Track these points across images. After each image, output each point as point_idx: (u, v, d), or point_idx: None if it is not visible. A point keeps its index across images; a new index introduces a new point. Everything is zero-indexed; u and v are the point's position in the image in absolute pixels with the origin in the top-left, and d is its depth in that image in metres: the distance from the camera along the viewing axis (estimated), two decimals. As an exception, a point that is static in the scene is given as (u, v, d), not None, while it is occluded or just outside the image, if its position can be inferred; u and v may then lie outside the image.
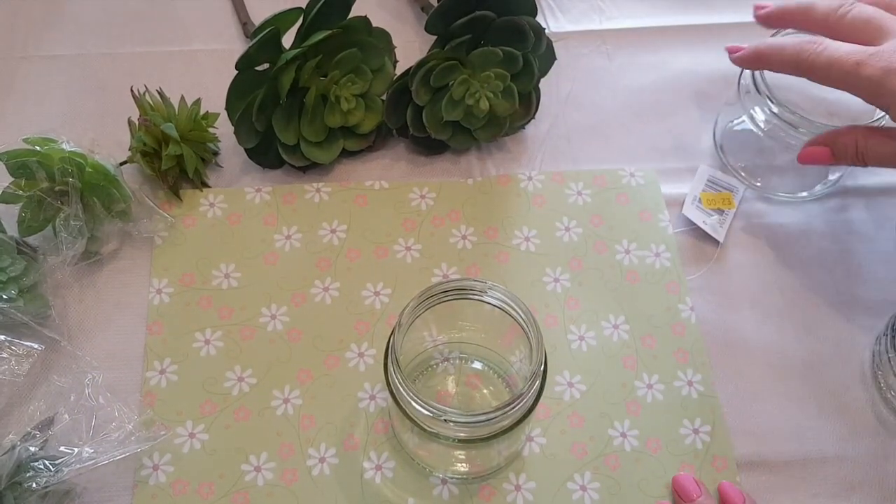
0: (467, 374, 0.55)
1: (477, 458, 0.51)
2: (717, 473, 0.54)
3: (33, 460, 0.48)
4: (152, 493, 0.52)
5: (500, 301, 0.47)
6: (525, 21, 0.60)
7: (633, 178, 0.65)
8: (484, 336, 0.54)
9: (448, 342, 0.55)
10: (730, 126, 0.67)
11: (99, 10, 0.72)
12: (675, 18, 0.74)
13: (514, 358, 0.53)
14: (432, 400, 0.44)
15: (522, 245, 0.62)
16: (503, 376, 0.55)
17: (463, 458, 0.52)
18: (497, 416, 0.44)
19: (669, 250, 0.62)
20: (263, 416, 0.55)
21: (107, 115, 0.66)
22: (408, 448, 0.53)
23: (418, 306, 0.47)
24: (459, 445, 0.47)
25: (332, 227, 0.62)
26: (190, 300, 0.58)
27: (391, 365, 0.45)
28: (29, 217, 0.56)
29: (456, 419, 0.44)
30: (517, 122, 0.65)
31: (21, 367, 0.53)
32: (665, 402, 0.56)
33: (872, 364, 0.58)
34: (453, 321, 0.52)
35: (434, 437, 0.46)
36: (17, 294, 0.54)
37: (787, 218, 0.64)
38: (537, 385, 0.45)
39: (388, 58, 0.63)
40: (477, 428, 0.45)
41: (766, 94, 0.59)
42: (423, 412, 0.44)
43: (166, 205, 0.62)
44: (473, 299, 0.48)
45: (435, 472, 0.53)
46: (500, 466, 0.53)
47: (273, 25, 0.57)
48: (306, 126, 0.61)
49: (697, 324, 0.59)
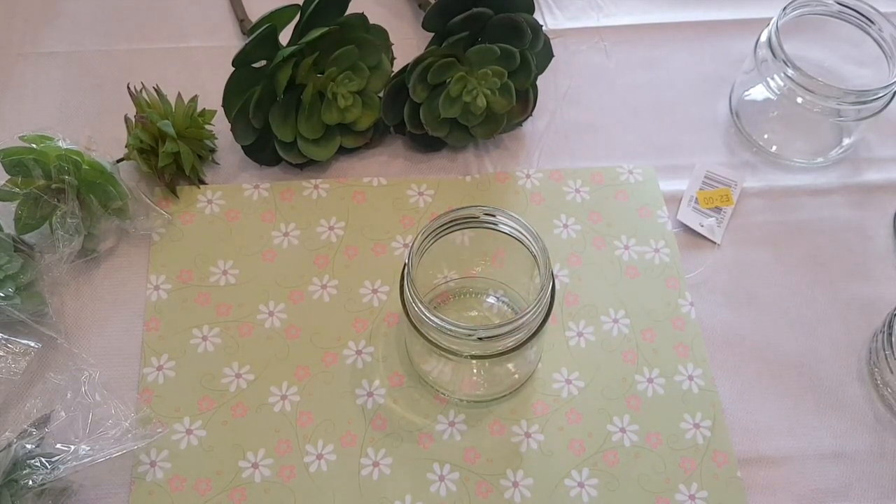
0: (479, 307, 0.58)
1: (490, 378, 0.54)
2: (718, 468, 0.54)
3: (30, 458, 0.48)
4: (149, 489, 0.52)
5: (506, 225, 0.50)
6: (522, 18, 0.60)
7: (632, 174, 0.65)
8: (494, 270, 0.56)
9: (460, 278, 0.58)
10: (745, 95, 0.68)
11: (95, 7, 0.72)
12: (672, 15, 0.74)
13: (524, 291, 0.56)
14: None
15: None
16: (514, 308, 0.57)
17: (476, 379, 0.54)
18: (508, 330, 0.47)
19: (668, 246, 0.62)
20: (261, 413, 0.55)
21: (103, 112, 0.66)
22: (421, 371, 0.55)
23: (426, 238, 0.50)
24: (473, 363, 0.50)
25: (331, 224, 0.62)
26: (187, 297, 0.58)
27: (406, 277, 0.48)
28: (25, 215, 0.56)
29: (466, 329, 0.47)
30: (515, 120, 0.65)
31: (18, 364, 0.53)
32: (666, 396, 0.56)
33: (869, 361, 0.58)
34: (463, 256, 0.56)
35: (447, 354, 0.48)
36: (13, 292, 0.54)
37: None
38: (547, 297, 0.48)
39: (385, 55, 0.63)
40: (490, 342, 0.47)
41: (784, 59, 0.61)
42: (435, 323, 0.47)
43: (163, 202, 0.62)
44: (482, 227, 0.51)
45: (451, 395, 0.55)
46: (511, 389, 0.55)
47: (270, 22, 0.57)
48: (303, 123, 0.61)
49: (697, 319, 0.59)
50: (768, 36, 0.63)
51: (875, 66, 0.64)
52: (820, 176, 0.66)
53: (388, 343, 0.57)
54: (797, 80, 0.61)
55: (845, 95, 0.60)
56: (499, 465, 0.54)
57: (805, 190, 0.65)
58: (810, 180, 0.66)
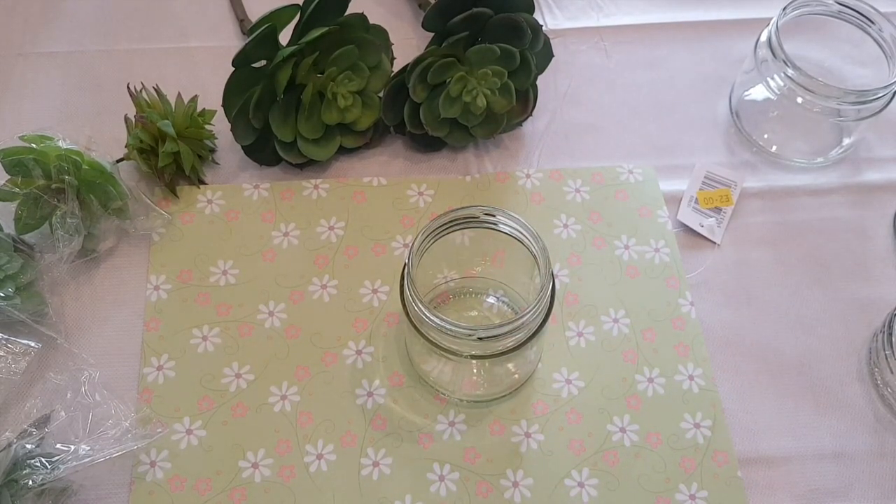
0: (479, 307, 0.58)
1: (490, 378, 0.54)
2: (718, 468, 0.54)
3: (30, 458, 0.48)
4: (149, 489, 0.52)
5: (506, 225, 0.50)
6: (522, 18, 0.60)
7: (632, 174, 0.65)
8: (494, 270, 0.56)
9: (460, 278, 0.58)
10: (745, 95, 0.68)
11: (96, 7, 0.72)
12: (672, 15, 0.74)
13: (524, 291, 0.56)
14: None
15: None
16: (514, 308, 0.57)
17: (476, 379, 0.54)
18: (508, 330, 0.47)
19: (669, 246, 0.62)
20: (261, 413, 0.55)
21: (103, 112, 0.66)
22: (421, 371, 0.55)
23: (427, 237, 0.49)
24: (473, 363, 0.51)
25: (331, 224, 0.62)
26: (187, 297, 0.58)
27: (406, 277, 0.48)
28: (25, 215, 0.56)
29: (466, 329, 0.47)
30: (515, 120, 0.65)
31: (18, 364, 0.53)
32: (666, 396, 0.56)
33: (869, 361, 0.58)
34: (463, 256, 0.56)
35: (447, 354, 0.48)
36: (13, 292, 0.54)
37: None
38: (547, 297, 0.48)
39: (385, 55, 0.63)
40: (490, 342, 0.48)
41: (783, 59, 0.61)
42: (435, 323, 0.47)
43: (163, 202, 0.62)
44: (482, 227, 0.51)
45: (451, 395, 0.55)
46: (511, 389, 0.55)
47: (270, 22, 0.57)
48: (303, 123, 0.61)
49: (697, 319, 0.59)
50: (768, 36, 0.63)
51: (875, 66, 0.64)
52: (820, 176, 0.66)
53: (388, 343, 0.57)
54: (797, 80, 0.61)
55: (845, 95, 0.61)
56: (499, 465, 0.54)
57: (805, 190, 0.65)
58: (810, 180, 0.66)
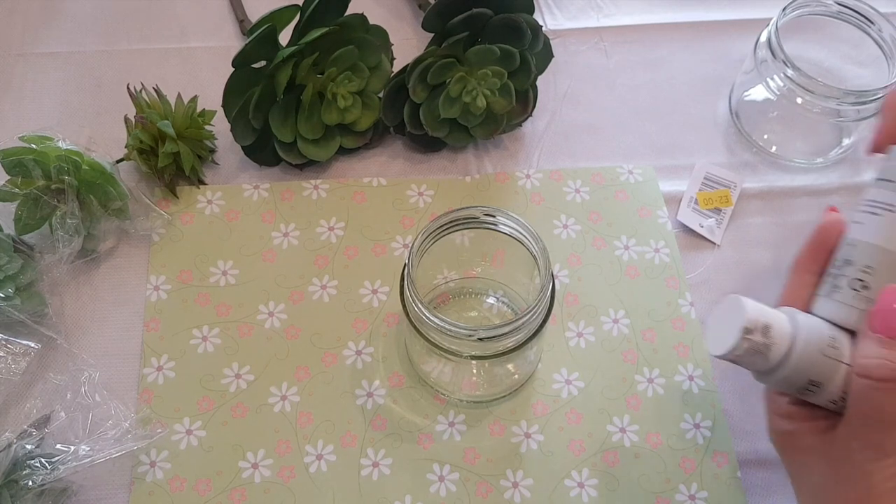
0: (479, 307, 0.58)
1: (490, 378, 0.54)
2: (718, 469, 0.54)
3: (30, 458, 0.48)
4: (149, 490, 0.52)
5: (506, 226, 0.50)
6: (522, 18, 0.60)
7: (632, 174, 0.65)
8: (493, 271, 0.56)
9: (460, 279, 0.58)
10: (745, 96, 0.68)
11: (95, 7, 0.72)
12: (672, 15, 0.74)
13: (524, 291, 0.56)
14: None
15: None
16: (514, 308, 0.57)
17: (476, 379, 0.54)
18: (508, 330, 0.47)
19: (668, 246, 0.62)
20: (261, 413, 0.55)
21: (103, 112, 0.66)
22: (421, 371, 0.55)
23: (427, 238, 0.49)
24: (473, 364, 0.51)
25: (330, 224, 0.62)
26: (187, 297, 0.58)
27: (406, 277, 0.48)
28: (25, 215, 0.56)
29: (466, 330, 0.46)
30: (514, 120, 0.65)
31: (18, 365, 0.53)
32: (666, 396, 0.56)
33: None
34: (463, 256, 0.55)
35: (447, 355, 0.48)
36: (13, 292, 0.54)
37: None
38: (547, 297, 0.48)
39: (385, 55, 0.63)
40: (490, 343, 0.47)
41: (783, 59, 0.61)
42: (435, 324, 0.47)
43: (163, 202, 0.62)
44: (482, 227, 0.51)
45: (451, 395, 0.55)
46: (511, 390, 0.55)
47: (270, 22, 0.57)
48: (303, 123, 0.61)
49: (697, 319, 0.59)
50: (768, 36, 0.63)
51: (875, 66, 0.64)
52: (820, 176, 0.66)
53: (388, 343, 0.57)
54: (797, 81, 0.61)
55: (845, 95, 0.60)
56: (499, 465, 0.54)
57: (805, 190, 0.65)
58: (810, 181, 0.66)
